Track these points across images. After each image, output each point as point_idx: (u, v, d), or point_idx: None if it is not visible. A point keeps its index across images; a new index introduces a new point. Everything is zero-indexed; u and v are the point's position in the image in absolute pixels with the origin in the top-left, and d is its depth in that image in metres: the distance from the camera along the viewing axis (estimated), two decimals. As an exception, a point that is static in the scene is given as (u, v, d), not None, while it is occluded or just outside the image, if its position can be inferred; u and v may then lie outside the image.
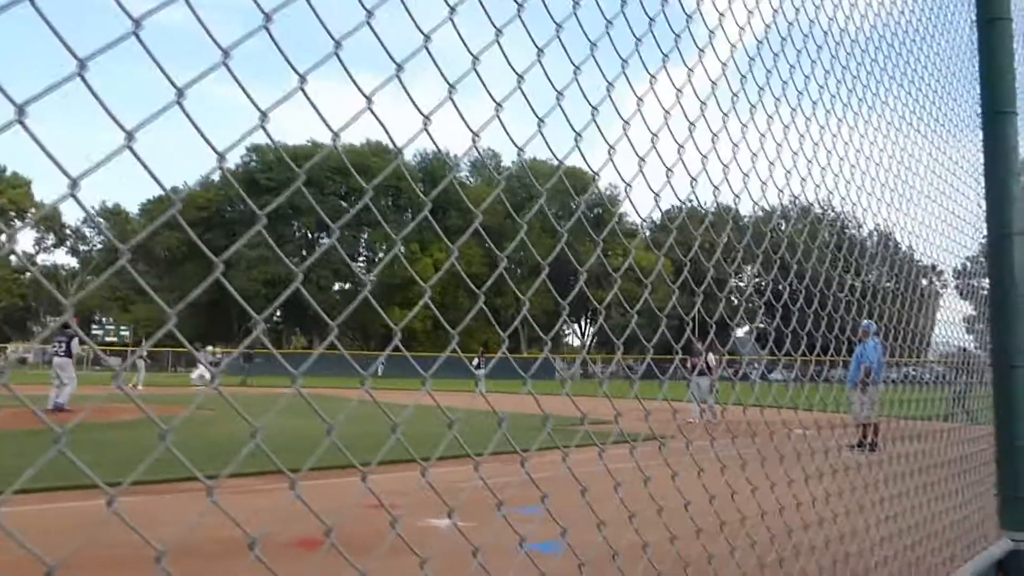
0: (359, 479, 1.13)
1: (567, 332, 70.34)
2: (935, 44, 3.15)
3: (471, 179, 73.25)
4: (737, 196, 1.81)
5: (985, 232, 3.22)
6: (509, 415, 1.29)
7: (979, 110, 3.25)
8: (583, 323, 73.10)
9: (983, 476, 3.17)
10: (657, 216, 1.84)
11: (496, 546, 1.19)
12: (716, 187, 1.71)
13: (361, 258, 69.30)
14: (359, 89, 1.00)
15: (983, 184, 3.23)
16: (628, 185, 1.48)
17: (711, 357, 15.22)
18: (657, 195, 1.51)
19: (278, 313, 68.46)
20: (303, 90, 0.93)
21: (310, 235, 65.18)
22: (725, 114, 1.74)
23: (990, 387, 3.15)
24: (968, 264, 3.53)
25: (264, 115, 0.91)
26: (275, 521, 4.60)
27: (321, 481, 7.50)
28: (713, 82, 1.70)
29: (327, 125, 0.98)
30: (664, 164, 1.52)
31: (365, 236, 67.83)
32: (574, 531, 1.35)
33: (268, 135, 0.95)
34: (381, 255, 65.74)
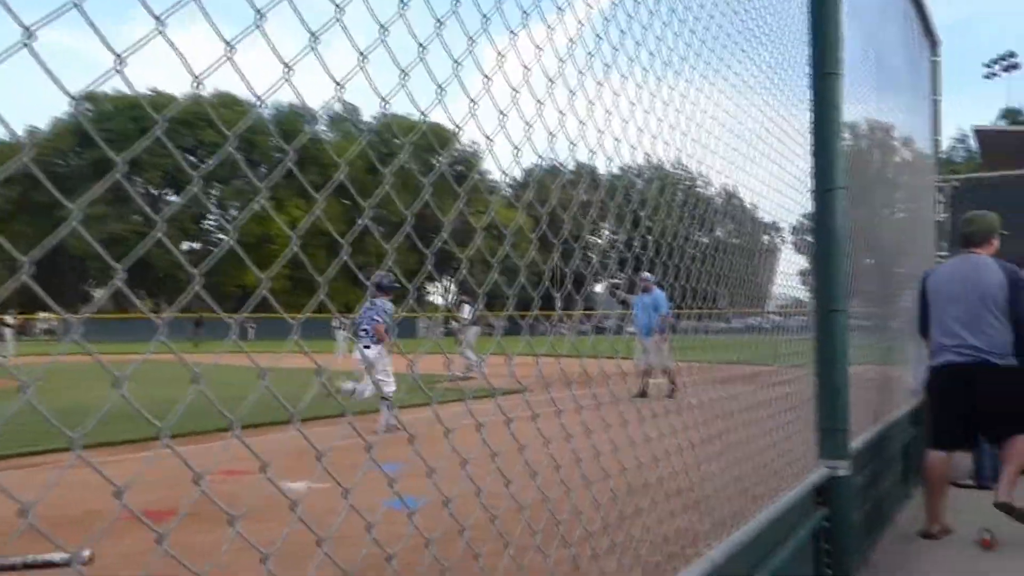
0: (216, 445, 1.10)
1: (431, 291, 70.18)
2: (771, 7, 3.35)
3: (329, 134, 70.83)
4: (592, 152, 1.86)
5: (812, 187, 3.49)
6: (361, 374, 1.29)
7: (808, 71, 3.49)
8: (448, 281, 73.10)
9: (804, 412, 3.49)
10: (518, 173, 1.87)
11: (351, 506, 1.20)
12: (572, 143, 1.75)
13: (212, 216, 65.63)
14: (221, 37, 0.95)
15: (811, 143, 3.48)
16: (489, 139, 1.49)
17: (466, 309, 15.35)
18: (517, 149, 1.54)
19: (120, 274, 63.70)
20: (163, 33, 0.87)
21: (154, 191, 60.82)
22: (581, 72, 1.78)
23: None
24: (804, 221, 3.82)
25: (120, 59, 0.84)
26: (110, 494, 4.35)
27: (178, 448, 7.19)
28: (571, 40, 1.74)
29: (192, 74, 0.92)
30: (523, 119, 1.54)
31: (216, 192, 64.21)
32: (425, 482, 1.38)
33: (126, 80, 0.88)
34: (234, 213, 62.53)
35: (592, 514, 1.86)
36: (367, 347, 8.55)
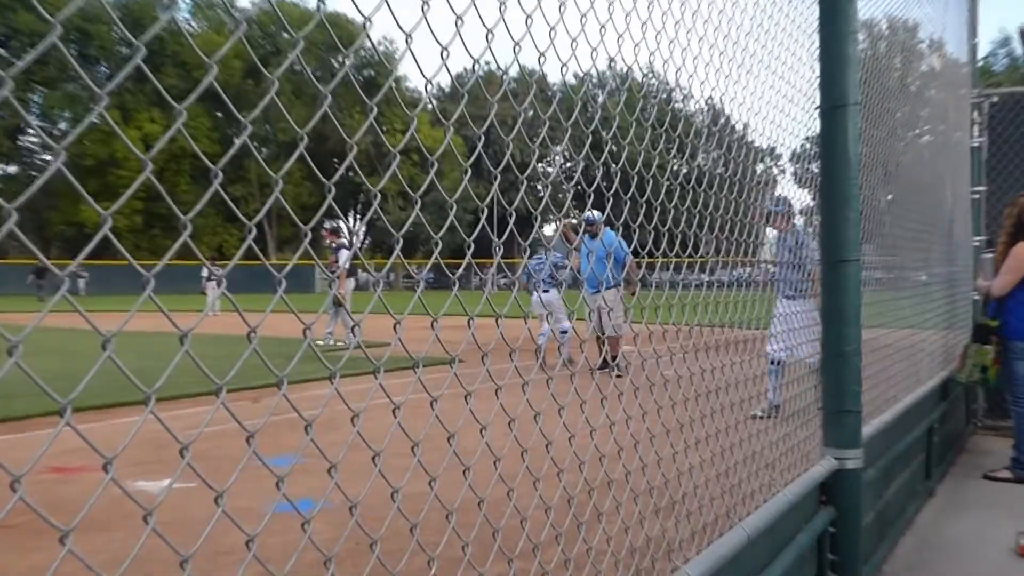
0: (40, 434, 1.07)
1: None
2: None
3: (193, 25, 68.54)
4: (542, 55, 1.84)
5: (819, 103, 3.52)
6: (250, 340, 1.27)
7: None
8: (352, 219, 72.37)
9: (805, 389, 3.58)
10: (447, 82, 1.84)
11: (234, 508, 1.19)
12: (517, 43, 1.73)
13: (32, 131, 63.05)
14: None
15: (817, 46, 3.50)
16: (408, 36, 1.45)
17: (343, 255, 15.25)
18: (445, 49, 1.51)
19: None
20: None
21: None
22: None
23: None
24: (808, 145, 3.85)
25: None
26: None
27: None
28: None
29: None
30: (453, 10, 1.51)
31: (38, 99, 61.62)
32: (327, 480, 1.37)
33: None
34: (64, 126, 60.26)
35: (540, 519, 1.90)
36: (546, 291, 11.87)
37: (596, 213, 10.19)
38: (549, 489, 1.93)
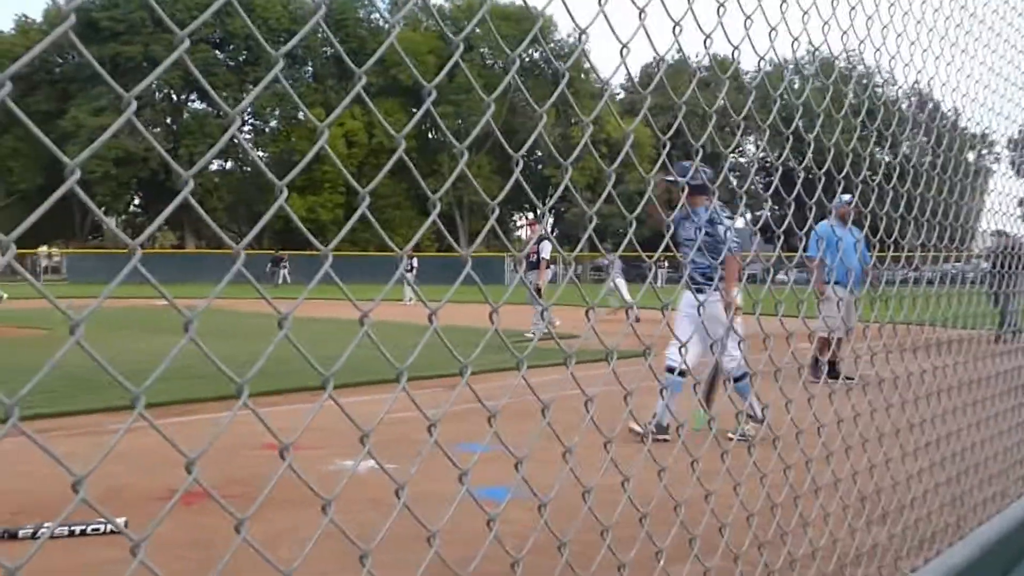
0: (252, 414, 1.14)
1: (519, 224, 70.36)
2: None
3: (386, 25, 70.81)
4: (736, 47, 1.79)
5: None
6: (444, 329, 1.30)
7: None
8: (541, 212, 72.98)
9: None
10: (634, 73, 1.82)
11: (425, 492, 1.23)
12: (708, 35, 1.69)
13: (246, 127, 67.25)
14: None
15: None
16: (626, 29, 1.45)
17: (545, 246, 14.71)
18: (650, 42, 1.49)
19: (136, 201, 66.40)
20: None
21: (175, 96, 62.68)
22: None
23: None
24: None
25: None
26: (141, 469, 4.62)
27: (201, 416, 7.52)
28: None
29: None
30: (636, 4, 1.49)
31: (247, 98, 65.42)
32: (527, 470, 1.39)
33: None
34: (273, 123, 63.92)
35: (767, 517, 1.86)
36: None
37: (848, 195, 7.19)
38: (774, 484, 1.90)
